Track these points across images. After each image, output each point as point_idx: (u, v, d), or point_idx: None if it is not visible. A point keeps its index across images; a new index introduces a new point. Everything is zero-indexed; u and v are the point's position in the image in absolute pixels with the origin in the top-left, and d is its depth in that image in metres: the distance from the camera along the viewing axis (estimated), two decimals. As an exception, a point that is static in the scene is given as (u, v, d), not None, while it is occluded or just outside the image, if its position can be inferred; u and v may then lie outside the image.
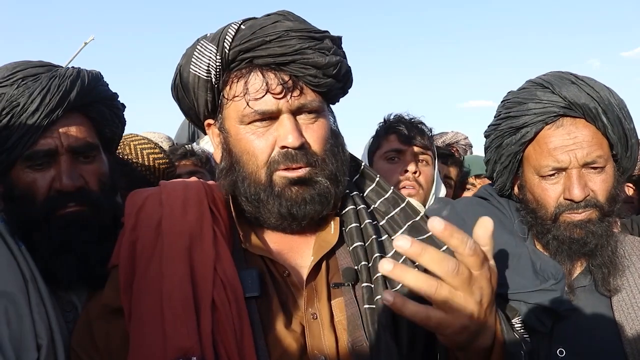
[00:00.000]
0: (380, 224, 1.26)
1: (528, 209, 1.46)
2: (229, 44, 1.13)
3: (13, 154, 1.26)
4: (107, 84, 1.42)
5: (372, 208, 1.28)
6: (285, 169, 1.13)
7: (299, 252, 1.22)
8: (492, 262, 0.91)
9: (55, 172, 1.28)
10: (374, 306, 1.12)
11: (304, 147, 1.14)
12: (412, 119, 2.33)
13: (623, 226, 2.35)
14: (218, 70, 1.15)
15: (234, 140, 1.17)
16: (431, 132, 2.35)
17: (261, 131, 1.14)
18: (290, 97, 1.12)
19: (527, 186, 1.45)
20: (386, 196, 1.30)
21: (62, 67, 1.35)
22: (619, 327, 1.36)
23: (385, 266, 0.80)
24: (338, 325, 1.13)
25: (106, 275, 1.19)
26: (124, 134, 1.55)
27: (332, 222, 1.23)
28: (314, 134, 1.16)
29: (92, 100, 1.34)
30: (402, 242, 0.79)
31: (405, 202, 1.29)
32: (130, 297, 1.10)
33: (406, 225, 1.25)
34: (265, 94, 1.11)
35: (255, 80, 1.12)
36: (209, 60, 1.15)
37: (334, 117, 1.29)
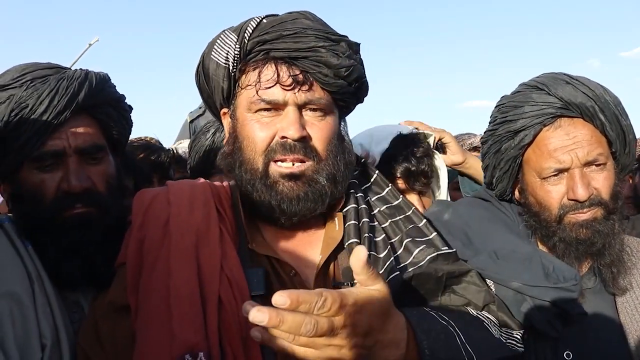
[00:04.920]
0: (383, 225, 1.27)
1: (531, 213, 1.45)
2: (249, 35, 1.19)
3: (21, 155, 1.27)
4: (115, 86, 1.43)
5: (376, 211, 1.30)
6: (281, 160, 1.16)
7: (306, 251, 1.22)
8: (376, 286, 0.89)
9: (63, 173, 1.29)
10: None
11: (304, 140, 1.17)
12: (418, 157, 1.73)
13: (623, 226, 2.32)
14: (236, 58, 1.20)
15: (240, 126, 1.22)
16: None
17: (265, 120, 1.18)
18: (298, 91, 1.16)
19: (529, 189, 1.45)
20: (394, 204, 1.33)
21: (70, 69, 1.37)
22: (624, 329, 1.35)
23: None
24: None
25: (112, 275, 1.19)
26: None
27: (337, 220, 1.24)
28: (318, 131, 1.19)
29: (99, 102, 1.36)
30: (258, 314, 0.75)
31: (412, 210, 1.31)
32: (137, 294, 1.10)
33: (407, 228, 1.27)
34: (275, 84, 1.15)
35: (268, 71, 1.17)
36: (229, 48, 1.20)
37: (344, 124, 1.32)
